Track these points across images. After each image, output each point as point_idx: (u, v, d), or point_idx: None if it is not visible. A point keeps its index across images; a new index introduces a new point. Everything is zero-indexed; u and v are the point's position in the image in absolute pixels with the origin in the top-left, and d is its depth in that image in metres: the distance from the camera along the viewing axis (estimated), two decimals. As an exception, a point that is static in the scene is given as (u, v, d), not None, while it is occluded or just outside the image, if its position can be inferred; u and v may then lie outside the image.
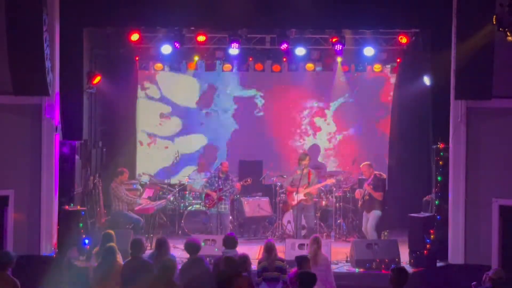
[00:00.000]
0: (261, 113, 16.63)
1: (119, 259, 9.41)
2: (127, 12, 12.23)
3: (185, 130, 16.60)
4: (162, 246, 9.68)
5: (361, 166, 13.69)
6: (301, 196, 13.44)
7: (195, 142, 16.59)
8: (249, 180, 14.11)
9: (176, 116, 16.56)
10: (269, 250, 9.83)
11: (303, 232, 13.64)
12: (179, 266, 9.94)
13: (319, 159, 16.55)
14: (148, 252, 10.27)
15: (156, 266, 8.61)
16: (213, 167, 15.62)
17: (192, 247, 9.52)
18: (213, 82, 16.51)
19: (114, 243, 9.84)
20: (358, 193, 13.49)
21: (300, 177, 13.50)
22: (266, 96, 16.61)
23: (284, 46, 13.48)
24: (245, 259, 9.19)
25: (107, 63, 14.95)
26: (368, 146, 16.34)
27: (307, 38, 14.28)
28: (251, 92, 16.62)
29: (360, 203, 13.41)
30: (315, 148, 16.53)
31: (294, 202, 13.52)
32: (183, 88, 16.53)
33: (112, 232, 10.23)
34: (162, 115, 16.56)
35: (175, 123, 16.59)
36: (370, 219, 13.07)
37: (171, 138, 16.60)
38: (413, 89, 14.93)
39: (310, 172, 13.61)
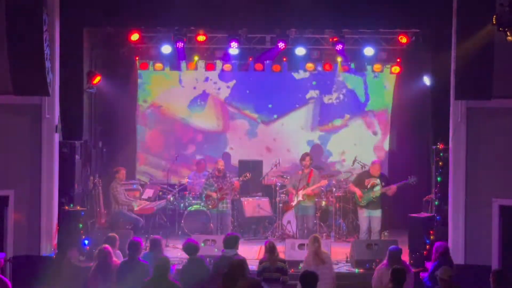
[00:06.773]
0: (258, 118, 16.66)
1: (116, 260, 9.47)
2: (127, 12, 12.23)
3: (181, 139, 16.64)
4: (156, 246, 9.74)
5: (374, 163, 13.27)
6: (299, 197, 13.38)
7: (194, 145, 16.60)
8: (248, 174, 13.99)
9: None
10: (271, 250, 9.81)
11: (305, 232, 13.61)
12: (179, 267, 9.97)
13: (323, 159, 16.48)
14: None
15: (152, 266, 8.65)
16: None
17: (191, 248, 9.58)
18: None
19: (117, 246, 9.89)
20: (359, 192, 13.13)
21: (300, 177, 13.44)
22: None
23: (282, 45, 13.48)
24: (241, 262, 9.06)
25: (107, 63, 14.94)
26: (368, 146, 16.33)
27: (307, 38, 14.28)
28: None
29: (365, 202, 12.88)
30: (317, 148, 16.47)
31: (293, 203, 13.50)
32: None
33: (115, 235, 10.24)
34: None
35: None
36: (378, 219, 12.92)
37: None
38: (413, 89, 14.94)
39: (311, 173, 13.49)
